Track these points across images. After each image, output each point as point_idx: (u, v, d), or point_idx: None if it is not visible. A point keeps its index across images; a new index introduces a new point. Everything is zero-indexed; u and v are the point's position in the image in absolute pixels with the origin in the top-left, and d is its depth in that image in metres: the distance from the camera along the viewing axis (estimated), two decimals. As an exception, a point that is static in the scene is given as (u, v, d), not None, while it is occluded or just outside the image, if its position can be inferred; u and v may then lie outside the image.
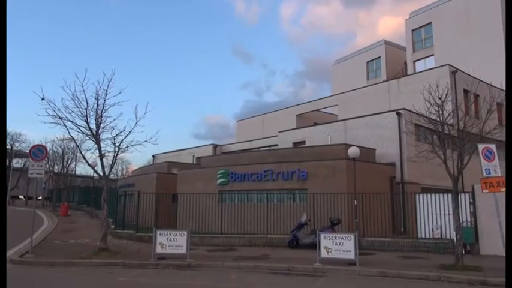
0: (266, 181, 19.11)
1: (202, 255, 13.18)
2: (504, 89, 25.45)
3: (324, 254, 11.25)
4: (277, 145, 26.98)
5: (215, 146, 34.32)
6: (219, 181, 20.23)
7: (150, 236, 13.88)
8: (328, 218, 15.28)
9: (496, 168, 10.29)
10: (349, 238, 11.13)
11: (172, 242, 12.01)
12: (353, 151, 15.57)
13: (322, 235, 11.53)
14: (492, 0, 32.85)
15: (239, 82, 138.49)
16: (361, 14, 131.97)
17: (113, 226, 19.09)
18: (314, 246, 11.89)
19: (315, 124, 29.89)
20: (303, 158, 19.43)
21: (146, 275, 10.48)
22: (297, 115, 34.64)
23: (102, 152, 13.89)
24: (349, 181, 16.66)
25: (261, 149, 28.16)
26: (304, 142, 24.81)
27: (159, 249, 12.01)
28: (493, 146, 10.44)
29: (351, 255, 10.97)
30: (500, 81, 24.49)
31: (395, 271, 10.38)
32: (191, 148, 36.43)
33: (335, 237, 11.36)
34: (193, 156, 33.57)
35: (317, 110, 34.95)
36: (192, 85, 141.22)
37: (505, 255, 9.31)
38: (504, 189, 10.12)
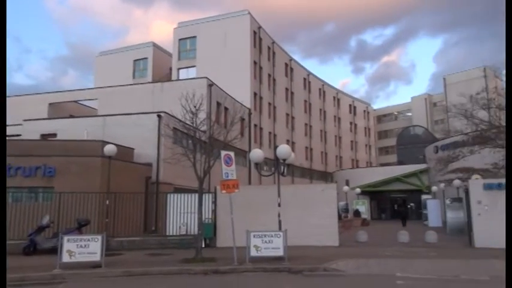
0: (0, 177, 16.03)
1: None
2: (246, 105, 29.98)
3: (66, 258, 10.34)
4: (20, 135, 23.12)
5: None
6: None
7: None
8: (76, 219, 14.22)
9: (233, 172, 12.08)
10: (96, 240, 10.64)
11: None
12: (110, 149, 15.02)
13: (65, 238, 10.60)
14: (244, 32, 38.71)
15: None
16: (137, 11, 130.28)
17: None
18: (56, 250, 10.78)
19: (71, 116, 27.42)
20: (52, 152, 17.40)
21: None
22: (50, 104, 30.72)
23: None
24: (103, 180, 15.96)
25: (-2, 138, 23.42)
26: (55, 135, 22.24)
27: None
28: (232, 153, 12.22)
29: (97, 257, 10.53)
30: (242, 99, 29.26)
31: (141, 269, 10.64)
32: None
33: (80, 240, 10.65)
34: None
35: (75, 101, 32.08)
36: None
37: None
38: (238, 190, 11.98)
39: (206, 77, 27.30)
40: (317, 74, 57.52)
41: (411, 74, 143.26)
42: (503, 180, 15.76)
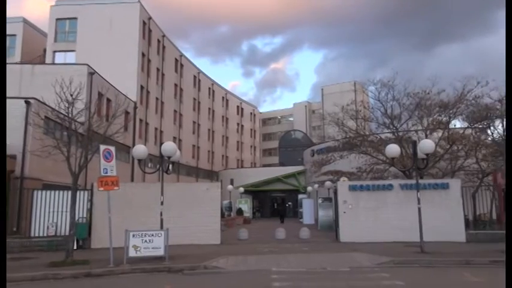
0: None
1: None
2: (132, 99, 28.48)
3: None
4: None
5: None
6: None
7: None
8: None
9: (113, 168, 11.32)
10: None
11: None
12: (-39, 137, 12.76)
13: None
14: (133, 21, 36.72)
15: None
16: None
17: None
18: None
19: None
20: None
21: None
22: None
23: None
24: (-51, 173, 13.49)
25: None
26: None
27: None
28: (112, 148, 11.43)
29: None
30: (127, 92, 27.67)
31: (-4, 276, 9.25)
32: None
33: None
34: None
35: None
36: None
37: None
38: (117, 187, 11.28)
39: (87, 64, 25.11)
40: (208, 74, 57.78)
41: (295, 82, 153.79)
42: (365, 183, 18.01)
